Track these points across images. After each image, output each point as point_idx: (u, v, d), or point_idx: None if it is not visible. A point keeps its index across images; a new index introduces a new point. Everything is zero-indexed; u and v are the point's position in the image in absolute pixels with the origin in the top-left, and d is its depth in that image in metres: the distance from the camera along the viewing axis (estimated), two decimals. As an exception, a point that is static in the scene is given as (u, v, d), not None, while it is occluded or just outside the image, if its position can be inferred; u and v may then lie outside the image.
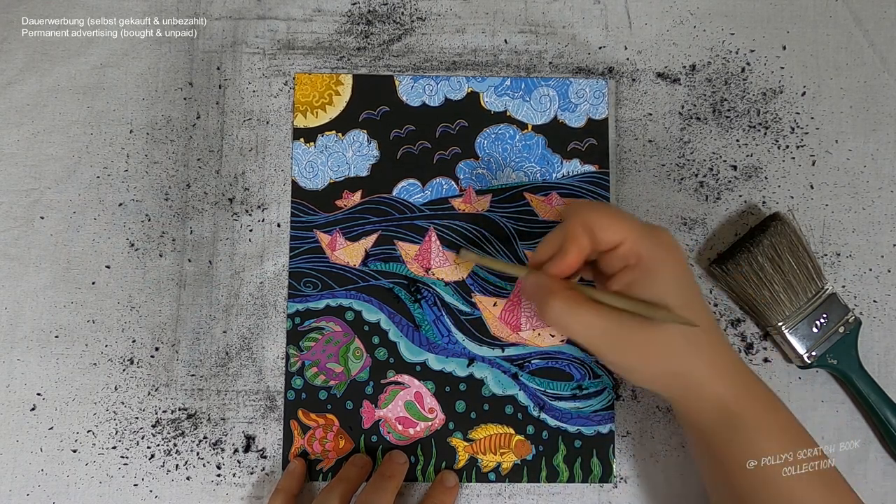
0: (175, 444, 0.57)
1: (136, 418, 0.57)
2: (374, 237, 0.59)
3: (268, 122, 0.60)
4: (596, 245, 0.47)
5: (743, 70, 0.61)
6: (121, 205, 0.60)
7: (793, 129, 0.60)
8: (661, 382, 0.48)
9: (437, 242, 0.59)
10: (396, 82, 0.60)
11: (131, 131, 0.60)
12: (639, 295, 0.46)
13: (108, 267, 0.59)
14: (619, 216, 0.47)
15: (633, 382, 0.50)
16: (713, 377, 0.47)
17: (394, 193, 0.60)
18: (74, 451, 0.57)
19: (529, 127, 0.60)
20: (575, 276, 0.51)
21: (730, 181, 0.60)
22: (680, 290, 0.46)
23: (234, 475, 0.57)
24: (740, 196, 0.60)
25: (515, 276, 0.53)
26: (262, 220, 0.59)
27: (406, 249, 0.59)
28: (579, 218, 0.47)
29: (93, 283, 0.59)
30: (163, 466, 0.57)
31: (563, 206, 0.53)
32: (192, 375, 0.58)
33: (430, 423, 0.58)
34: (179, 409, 0.58)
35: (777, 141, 0.60)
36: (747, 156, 0.60)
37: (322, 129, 0.60)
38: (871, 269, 0.59)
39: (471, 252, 0.54)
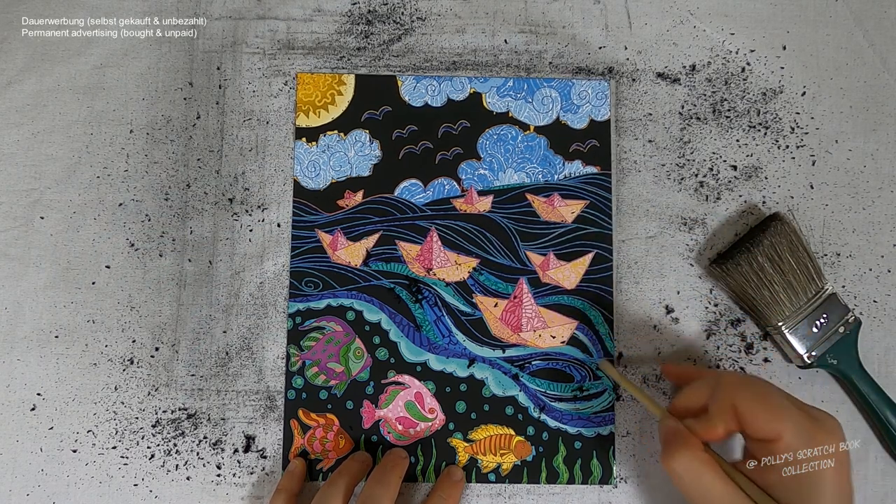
0: (175, 444, 0.57)
1: (136, 418, 0.57)
2: (375, 237, 0.59)
3: (268, 122, 0.60)
4: (747, 432, 0.45)
5: (743, 70, 0.61)
6: (121, 205, 0.60)
7: (793, 129, 0.61)
8: None
9: (439, 243, 0.59)
10: (399, 82, 0.60)
11: (131, 131, 0.60)
12: (774, 494, 0.44)
13: (108, 267, 0.59)
14: (776, 412, 0.44)
15: None
16: None
17: (395, 193, 0.60)
18: (74, 451, 0.57)
19: (531, 128, 0.60)
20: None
21: (730, 181, 0.60)
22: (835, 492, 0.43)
23: (234, 475, 0.57)
24: (740, 196, 0.60)
25: (653, 412, 0.52)
26: (262, 220, 0.59)
27: (407, 249, 0.59)
28: (731, 398, 0.45)
29: (93, 283, 0.59)
30: (163, 466, 0.57)
31: (711, 374, 0.50)
32: (192, 375, 0.58)
33: (430, 424, 0.58)
34: (179, 409, 0.58)
35: (777, 141, 0.60)
36: (747, 156, 0.60)
37: (324, 128, 0.60)
38: (871, 269, 0.59)
39: (611, 366, 0.55)
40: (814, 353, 0.56)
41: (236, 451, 0.57)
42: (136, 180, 0.60)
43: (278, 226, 0.59)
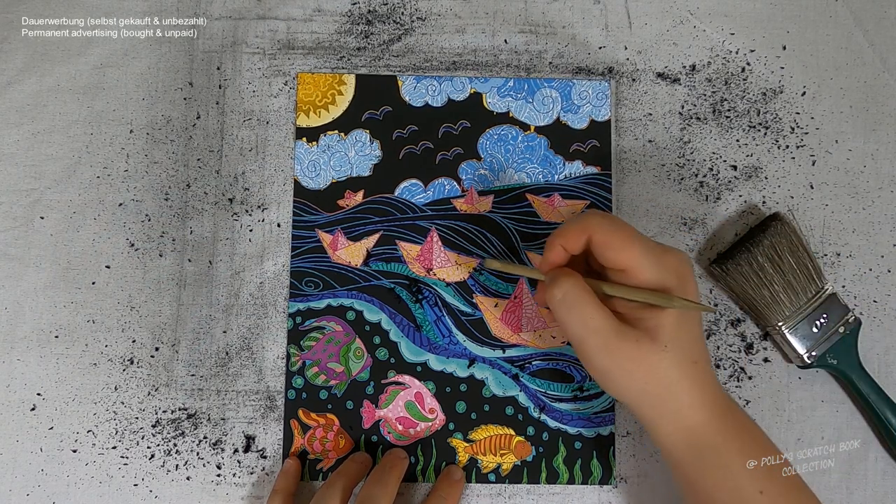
0: (175, 444, 0.57)
1: (136, 418, 0.57)
2: (375, 237, 0.59)
3: (268, 122, 0.60)
4: (602, 261, 0.48)
5: (743, 70, 0.61)
6: (121, 205, 0.59)
7: (793, 129, 0.61)
8: (639, 401, 0.47)
9: (439, 243, 0.59)
10: (399, 82, 0.60)
11: (131, 131, 0.60)
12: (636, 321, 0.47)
13: (108, 267, 0.59)
14: (628, 240, 0.46)
15: (608, 391, 0.49)
16: (692, 406, 0.47)
17: (396, 193, 0.60)
18: (74, 451, 0.57)
19: (532, 128, 0.60)
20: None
21: (730, 181, 0.60)
22: (682, 320, 0.47)
23: (234, 475, 0.57)
24: (740, 196, 0.60)
25: (538, 278, 0.52)
26: (262, 220, 0.59)
27: (407, 250, 0.59)
28: (585, 229, 0.47)
29: (93, 283, 0.59)
30: (163, 466, 0.57)
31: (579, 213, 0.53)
32: (192, 375, 0.58)
33: (430, 424, 0.58)
34: (179, 409, 0.58)
35: (777, 141, 0.60)
36: (747, 156, 0.60)
37: (324, 128, 0.60)
38: (871, 269, 0.59)
39: (495, 261, 0.54)
40: (814, 353, 0.56)
41: (236, 451, 0.57)
42: (136, 180, 0.60)
43: (278, 226, 0.59)
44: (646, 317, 0.47)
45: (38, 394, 0.58)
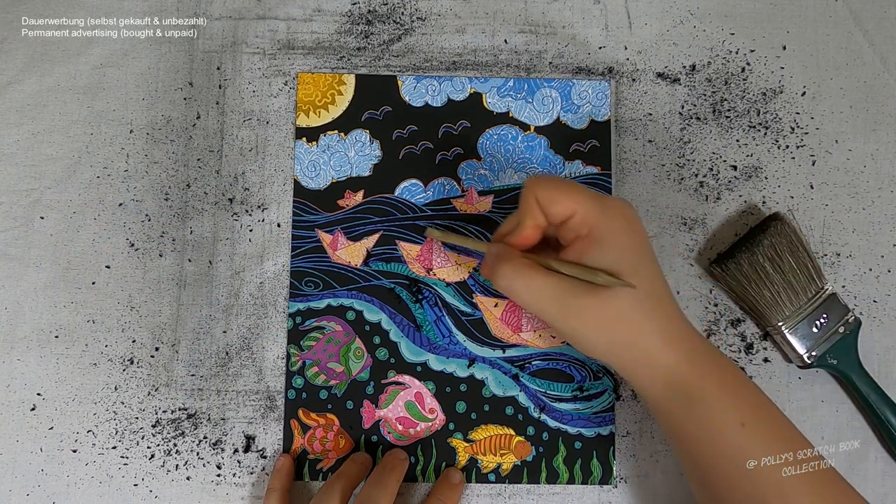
0: (175, 444, 0.57)
1: (136, 418, 0.57)
2: (375, 237, 0.59)
3: (268, 122, 0.60)
4: (550, 218, 0.48)
5: (743, 70, 0.61)
6: (121, 205, 0.60)
7: (793, 129, 0.61)
8: (612, 352, 0.47)
9: (439, 243, 0.59)
10: (399, 82, 0.60)
11: (131, 131, 0.60)
12: (588, 263, 0.46)
13: (108, 267, 0.59)
14: (569, 189, 0.47)
15: (585, 353, 0.49)
16: (663, 347, 0.46)
17: (396, 193, 0.60)
18: (74, 451, 0.57)
19: (532, 128, 0.60)
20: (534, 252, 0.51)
21: (730, 181, 0.60)
22: (628, 256, 0.46)
23: (234, 475, 0.57)
24: (740, 196, 0.60)
25: (479, 251, 0.53)
26: (262, 220, 0.59)
27: (407, 250, 0.59)
28: (532, 192, 0.48)
29: (93, 283, 0.59)
30: (163, 466, 0.57)
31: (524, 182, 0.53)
32: (192, 375, 0.58)
33: (430, 424, 0.58)
34: (179, 409, 0.58)
35: (777, 141, 0.60)
36: (747, 156, 0.60)
37: (324, 128, 0.60)
38: (871, 269, 0.59)
39: (436, 230, 0.54)
40: (814, 353, 0.56)
41: (236, 451, 0.57)
42: (136, 180, 0.60)
43: (278, 226, 0.59)
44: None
45: (38, 394, 0.58)
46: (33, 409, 0.57)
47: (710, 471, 0.46)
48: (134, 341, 0.58)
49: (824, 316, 0.56)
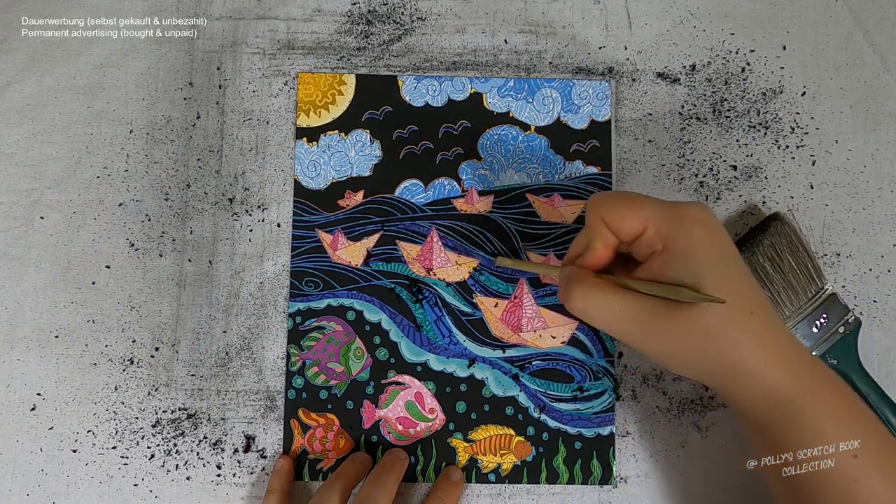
0: (175, 444, 0.57)
1: (136, 418, 0.57)
2: (375, 237, 0.59)
3: (268, 122, 0.60)
4: (620, 237, 0.45)
5: (743, 70, 0.61)
6: (121, 205, 0.59)
7: (793, 129, 0.61)
8: (704, 371, 0.44)
9: (439, 243, 0.59)
10: (399, 82, 0.60)
11: (131, 131, 0.60)
12: (668, 279, 0.43)
13: (108, 267, 0.59)
14: (637, 203, 0.44)
15: (674, 372, 0.46)
16: (763, 364, 0.42)
17: (396, 193, 0.60)
18: (74, 451, 0.57)
19: (532, 128, 0.60)
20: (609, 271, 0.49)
21: (730, 181, 0.60)
22: (711, 267, 0.42)
23: (234, 475, 0.57)
24: (740, 196, 0.60)
25: (552, 275, 0.51)
26: (262, 220, 0.59)
27: (408, 250, 0.59)
28: (596, 211, 0.45)
29: (93, 283, 0.59)
30: (163, 466, 0.57)
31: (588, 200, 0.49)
32: (192, 375, 0.58)
33: (430, 424, 0.58)
34: (179, 409, 0.58)
35: (777, 141, 0.60)
36: (747, 156, 0.60)
37: (325, 128, 0.60)
38: (871, 269, 0.59)
39: (507, 259, 0.54)
40: (814, 353, 0.56)
41: (236, 451, 0.57)
42: (136, 180, 0.60)
43: (278, 226, 0.59)
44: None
45: (38, 394, 0.58)
46: (33, 409, 0.57)
47: (813, 499, 0.43)
48: (134, 341, 0.58)
49: (824, 316, 0.56)
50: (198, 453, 0.57)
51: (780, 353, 0.43)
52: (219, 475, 0.57)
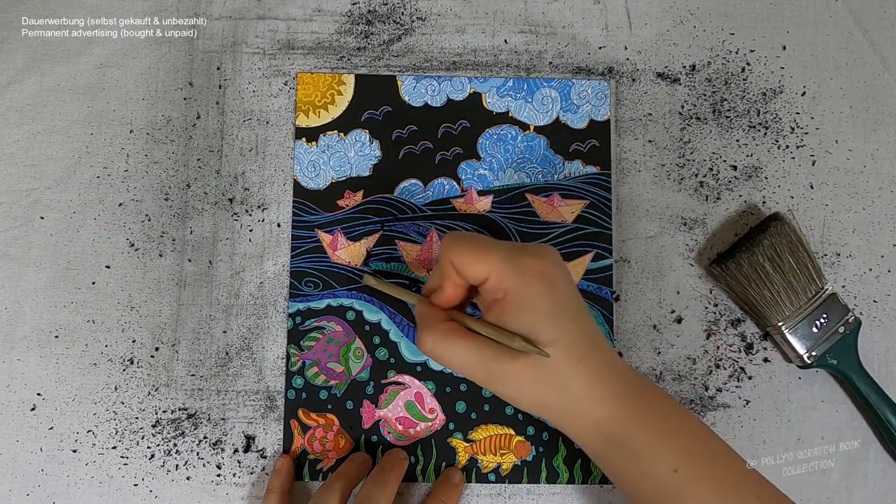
0: (175, 444, 0.57)
1: (136, 418, 0.57)
2: (375, 237, 0.59)
3: (268, 122, 0.60)
4: (467, 280, 0.47)
5: (743, 70, 0.61)
6: (121, 205, 0.60)
7: (793, 129, 0.61)
8: (542, 411, 0.48)
9: (439, 243, 0.59)
10: (399, 82, 0.60)
11: (131, 131, 0.60)
12: (506, 327, 0.46)
13: (108, 267, 0.59)
14: (483, 251, 0.46)
15: (520, 408, 0.49)
16: (590, 403, 0.46)
17: (395, 193, 0.60)
18: (74, 451, 0.57)
19: (531, 128, 0.60)
20: (463, 306, 0.51)
21: (730, 181, 0.60)
22: (545, 321, 0.45)
23: (234, 475, 0.57)
24: (740, 196, 0.60)
25: (411, 301, 0.52)
26: (263, 220, 0.59)
27: (407, 250, 0.59)
28: (447, 254, 0.47)
29: (93, 283, 0.59)
30: (163, 466, 0.57)
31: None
32: (192, 375, 0.58)
33: (430, 424, 0.58)
34: (179, 409, 0.58)
35: (777, 141, 0.60)
36: (747, 156, 0.60)
37: (324, 128, 0.60)
38: (871, 269, 0.59)
39: (371, 278, 0.54)
40: (814, 353, 0.56)
41: (236, 451, 0.57)
42: (136, 180, 0.60)
43: (278, 226, 0.59)
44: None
45: (38, 394, 0.58)
46: (33, 409, 0.57)
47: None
48: (134, 341, 0.58)
49: (824, 316, 0.56)
50: (198, 453, 0.57)
51: (606, 391, 0.46)
52: (219, 475, 0.57)
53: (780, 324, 0.56)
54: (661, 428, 0.46)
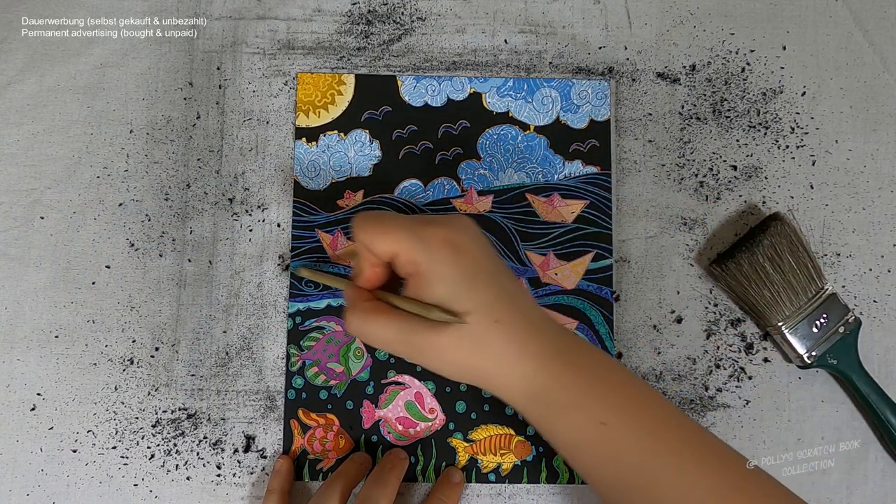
0: (175, 444, 0.57)
1: (136, 418, 0.57)
2: (374, 237, 0.59)
3: (268, 122, 0.60)
4: (380, 258, 0.48)
5: (743, 70, 0.61)
6: (121, 205, 0.60)
7: (793, 129, 0.61)
8: (471, 376, 0.48)
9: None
10: (399, 82, 0.60)
11: (131, 131, 0.60)
12: (423, 299, 0.46)
13: (108, 267, 0.59)
14: (388, 227, 0.47)
15: (453, 380, 0.50)
16: (514, 363, 0.46)
17: (395, 194, 0.60)
18: (74, 451, 0.57)
19: (531, 128, 0.60)
20: (394, 285, 0.51)
21: (730, 181, 0.60)
22: (456, 286, 0.46)
23: (234, 475, 0.57)
24: (740, 196, 0.60)
25: (342, 288, 0.53)
26: (263, 220, 0.59)
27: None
28: (356, 234, 0.47)
29: (93, 283, 0.59)
30: (163, 466, 0.57)
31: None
32: (192, 375, 0.58)
33: (430, 424, 0.58)
34: (179, 409, 0.58)
35: (777, 141, 0.60)
36: (747, 156, 0.60)
37: (324, 128, 0.60)
38: (871, 269, 0.59)
39: (305, 269, 0.54)
40: (814, 353, 0.56)
41: (236, 451, 0.57)
42: (136, 180, 0.60)
43: (278, 226, 0.59)
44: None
45: (38, 394, 0.58)
46: (33, 409, 0.57)
47: (587, 471, 0.47)
48: (134, 341, 0.58)
49: (824, 316, 0.56)
50: (198, 453, 0.57)
51: (526, 351, 0.46)
52: (219, 475, 0.57)
53: (780, 324, 0.56)
54: (586, 382, 0.46)
